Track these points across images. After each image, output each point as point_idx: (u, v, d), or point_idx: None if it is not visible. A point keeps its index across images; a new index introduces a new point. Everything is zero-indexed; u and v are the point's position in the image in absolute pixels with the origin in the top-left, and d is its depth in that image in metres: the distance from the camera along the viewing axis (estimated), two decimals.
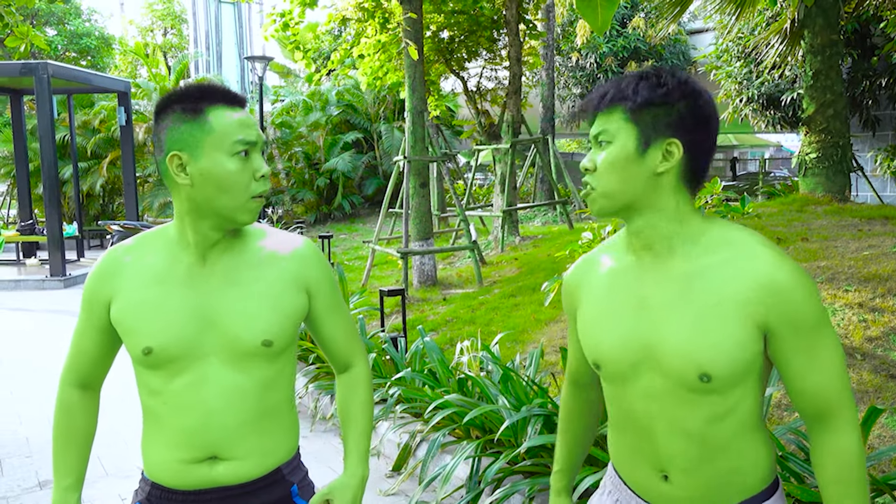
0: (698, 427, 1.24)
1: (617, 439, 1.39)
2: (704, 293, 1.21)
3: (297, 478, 1.54)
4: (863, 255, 5.32)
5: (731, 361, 1.19)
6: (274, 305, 1.42)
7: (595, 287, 1.37)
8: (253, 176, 1.36)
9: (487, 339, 4.87)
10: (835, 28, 8.20)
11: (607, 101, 1.25)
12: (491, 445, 3.45)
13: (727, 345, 1.19)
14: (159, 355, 1.39)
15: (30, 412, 5.02)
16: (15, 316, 8.84)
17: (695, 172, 1.25)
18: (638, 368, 1.28)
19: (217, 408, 1.40)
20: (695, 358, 1.20)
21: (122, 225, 11.25)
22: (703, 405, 1.23)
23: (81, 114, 17.15)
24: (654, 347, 1.26)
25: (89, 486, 3.78)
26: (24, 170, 12.99)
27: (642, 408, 1.29)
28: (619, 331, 1.30)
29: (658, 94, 1.21)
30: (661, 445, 1.28)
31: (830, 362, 1.20)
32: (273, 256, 1.46)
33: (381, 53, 10.34)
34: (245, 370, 1.42)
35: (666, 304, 1.25)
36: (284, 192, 18.11)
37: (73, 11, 22.83)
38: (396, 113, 18.07)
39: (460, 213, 9.06)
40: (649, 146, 1.22)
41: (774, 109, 12.08)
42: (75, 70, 12.58)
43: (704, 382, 1.20)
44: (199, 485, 1.43)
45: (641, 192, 1.24)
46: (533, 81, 14.81)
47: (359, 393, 1.60)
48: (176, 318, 1.39)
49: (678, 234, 1.26)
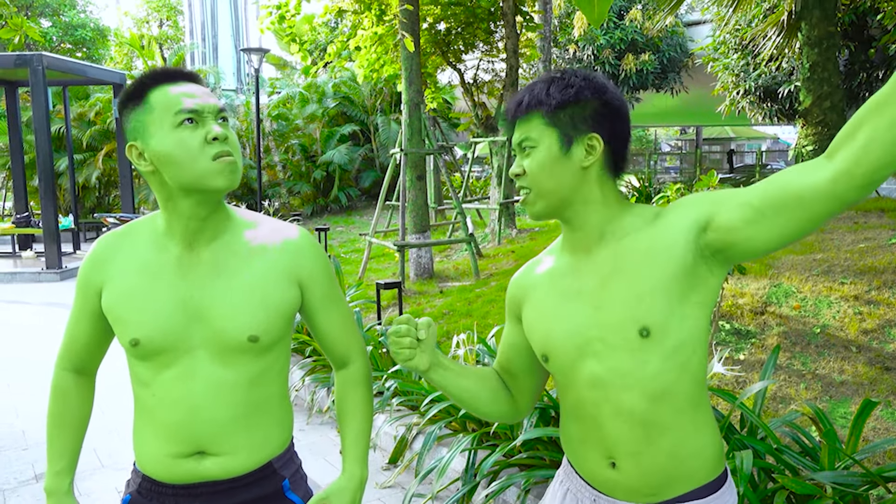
0: (640, 408, 1.27)
1: (568, 429, 1.43)
2: (634, 263, 1.27)
3: (289, 472, 1.52)
4: (858, 247, 5.33)
5: (667, 316, 1.24)
6: (261, 299, 1.39)
7: (539, 286, 1.43)
8: (205, 139, 1.31)
9: (484, 331, 4.87)
10: (832, 20, 8.19)
11: (524, 108, 1.32)
12: (487, 438, 3.45)
13: (661, 299, 1.24)
14: (146, 347, 1.37)
15: (26, 405, 5.02)
16: (11, 309, 8.82)
17: (616, 161, 1.33)
18: (582, 353, 1.32)
19: (204, 402, 1.39)
20: (633, 313, 1.25)
21: (118, 217, 11.21)
22: (644, 383, 1.27)
23: (77, 106, 17.07)
24: (592, 330, 1.30)
25: (85, 479, 3.79)
26: (19, 162, 12.93)
27: (588, 395, 1.33)
28: (563, 323, 1.34)
29: (570, 94, 1.28)
30: (607, 430, 1.32)
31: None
32: (263, 247, 1.43)
33: (378, 45, 10.31)
34: (232, 365, 1.39)
35: (599, 284, 1.31)
36: (281, 184, 18.08)
37: (68, 3, 22.71)
38: (393, 105, 18.03)
39: (457, 206, 9.05)
40: (572, 144, 1.29)
41: (771, 102, 12.08)
42: (70, 62, 12.51)
43: (644, 337, 1.24)
44: (188, 479, 1.43)
45: (571, 187, 1.31)
46: (530, 74, 14.78)
47: (357, 392, 1.56)
48: (163, 309, 1.37)
49: (606, 219, 1.33)
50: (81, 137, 16.74)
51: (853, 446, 2.63)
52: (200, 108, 1.32)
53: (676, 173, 28.55)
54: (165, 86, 1.34)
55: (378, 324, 5.47)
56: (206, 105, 1.33)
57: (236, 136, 1.43)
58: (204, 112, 1.33)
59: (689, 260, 1.24)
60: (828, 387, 3.67)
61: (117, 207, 16.59)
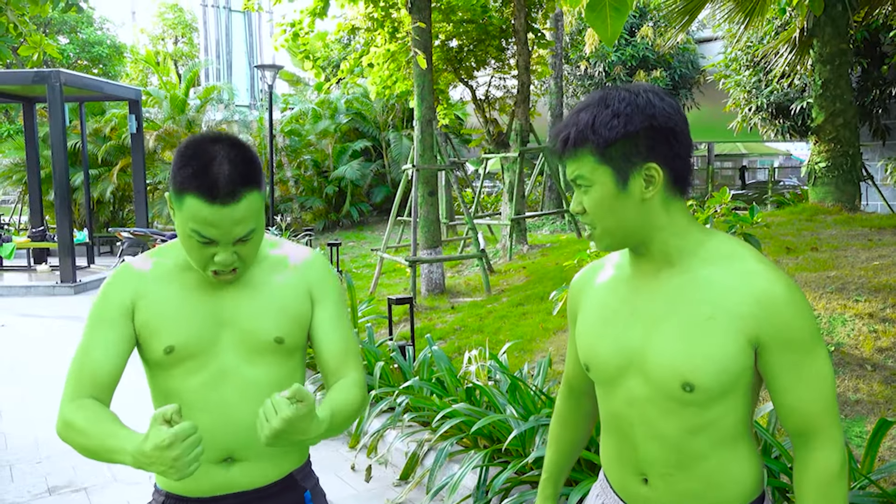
0: (675, 435, 1.25)
1: (605, 442, 1.41)
2: (697, 304, 1.22)
3: (310, 484, 1.57)
4: (873, 265, 5.29)
5: (717, 373, 1.19)
6: (282, 307, 1.48)
7: (595, 293, 1.40)
8: (212, 258, 1.38)
9: (495, 347, 4.87)
10: (844, 37, 8.18)
11: (571, 146, 1.23)
12: (499, 455, 3.44)
13: (715, 357, 1.19)
14: (180, 353, 1.42)
15: (40, 418, 5.05)
16: (25, 322, 8.89)
17: (679, 181, 1.25)
18: (623, 373, 1.30)
19: (234, 403, 1.43)
20: (679, 367, 1.21)
21: (132, 232, 11.30)
22: (682, 415, 1.24)
23: (93, 121, 17.27)
24: (640, 354, 1.27)
25: (98, 493, 3.80)
26: (35, 176, 13.09)
27: (624, 412, 1.31)
28: (611, 336, 1.32)
29: (618, 129, 1.19)
30: (640, 449, 1.30)
31: (818, 380, 1.20)
32: (283, 264, 1.53)
33: (391, 62, 10.38)
34: (260, 365, 1.46)
35: (657, 312, 1.26)
36: (293, 199, 18.17)
37: (85, 20, 23.04)
38: (405, 121, 18.12)
39: (468, 222, 9.06)
40: (628, 179, 1.21)
41: (784, 118, 12.04)
42: (87, 78, 12.68)
43: (687, 392, 1.21)
44: (215, 490, 1.45)
45: (636, 220, 1.24)
46: (541, 90, 14.83)
47: (347, 385, 1.46)
48: (195, 316, 1.44)
49: (677, 247, 1.26)
50: (97, 152, 16.90)
51: (869, 466, 2.61)
52: (214, 238, 1.35)
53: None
54: (203, 202, 1.30)
55: (390, 339, 5.48)
56: (224, 235, 1.35)
57: (261, 235, 1.43)
58: (220, 241, 1.36)
59: (743, 342, 1.20)
60: (843, 406, 3.64)
61: (131, 222, 16.73)
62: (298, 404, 1.20)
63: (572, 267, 5.31)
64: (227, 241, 1.36)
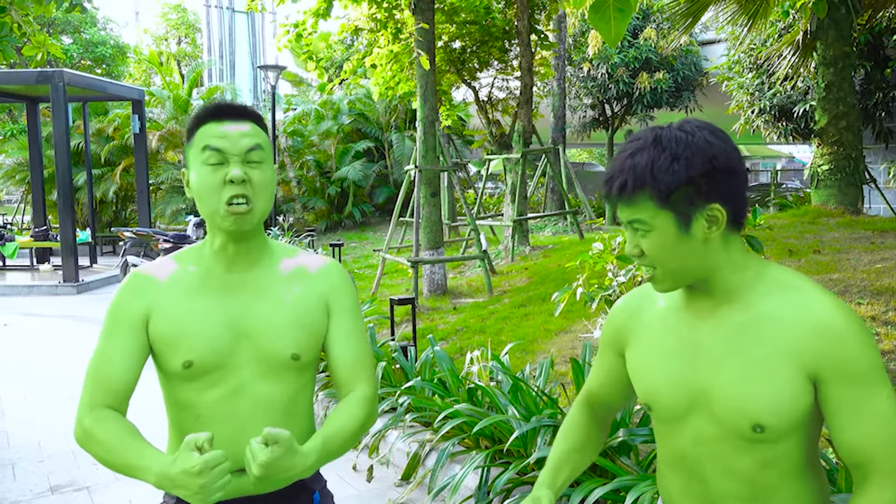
0: (749, 471, 1.24)
1: (668, 477, 1.38)
2: (759, 343, 1.20)
3: (319, 486, 1.57)
4: (875, 267, 5.29)
5: (784, 413, 1.18)
6: (300, 320, 1.46)
7: (648, 326, 1.35)
8: (223, 180, 1.37)
9: (497, 348, 4.87)
10: (847, 40, 8.18)
11: (629, 191, 1.18)
12: (500, 456, 3.44)
13: (780, 397, 1.17)
14: (198, 368, 1.41)
15: (42, 417, 5.06)
16: (28, 321, 8.91)
17: (737, 216, 1.22)
18: (689, 412, 1.28)
19: (248, 418, 1.42)
20: (748, 409, 1.19)
21: (134, 232, 11.30)
22: (753, 451, 1.23)
23: (96, 121, 17.30)
24: (706, 394, 1.24)
25: (100, 491, 3.81)
26: (38, 176, 13.11)
27: (692, 450, 1.29)
28: (673, 374, 1.28)
29: (679, 175, 1.15)
30: (712, 485, 1.28)
31: (880, 418, 1.15)
32: (302, 274, 1.51)
33: (394, 63, 10.39)
34: (276, 381, 1.45)
35: (720, 351, 1.23)
36: (296, 200, 18.18)
37: (89, 20, 23.10)
38: (408, 122, 18.14)
39: (471, 223, 9.07)
40: (691, 222, 1.18)
41: (786, 121, 12.04)
42: (90, 78, 12.71)
43: (758, 433, 1.19)
44: (227, 495, 1.41)
45: (699, 259, 1.21)
46: (544, 91, 14.83)
47: (354, 404, 1.47)
48: (213, 329, 1.42)
49: (736, 282, 1.24)
50: (100, 152, 16.93)
51: None
52: (224, 148, 1.37)
53: None
54: (211, 123, 1.40)
55: (392, 339, 5.48)
56: (233, 146, 1.38)
57: (271, 173, 1.45)
58: (229, 153, 1.37)
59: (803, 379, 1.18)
60: None
61: (134, 222, 16.74)
62: (274, 447, 1.22)
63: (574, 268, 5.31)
64: (238, 154, 1.37)
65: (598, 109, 16.25)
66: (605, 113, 16.29)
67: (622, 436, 3.00)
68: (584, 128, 17.31)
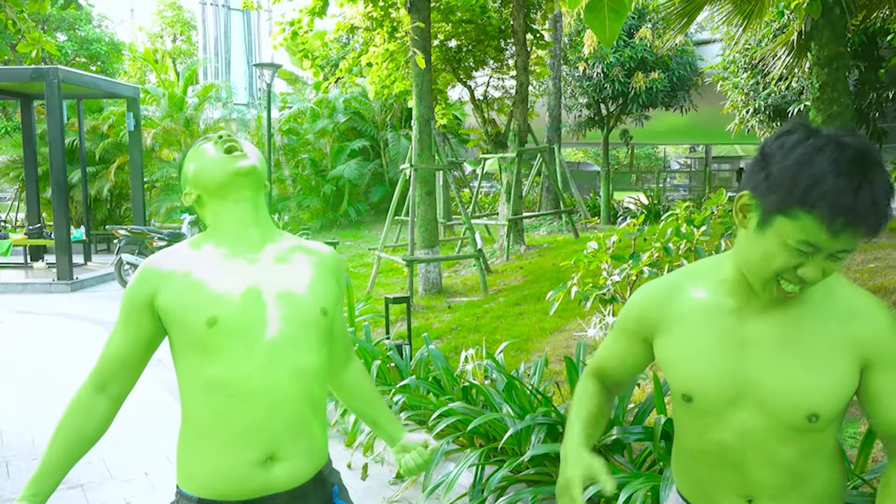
0: (792, 460, 1.28)
1: (692, 468, 1.40)
2: (814, 334, 1.25)
3: (336, 479, 1.59)
4: (868, 267, 5.32)
5: (838, 400, 1.23)
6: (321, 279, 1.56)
7: (687, 320, 1.35)
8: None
9: (492, 347, 4.88)
10: (842, 40, 8.21)
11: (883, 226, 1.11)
12: (495, 454, 3.45)
13: (837, 385, 1.23)
14: (225, 324, 1.39)
15: (36, 415, 5.05)
16: (22, 319, 8.88)
17: None
18: (734, 404, 1.29)
19: (280, 397, 1.42)
20: (804, 399, 1.23)
21: (129, 229, 11.27)
22: (800, 441, 1.27)
23: (90, 118, 17.24)
24: (755, 386, 1.27)
25: (95, 490, 3.81)
26: (32, 174, 13.06)
27: (733, 442, 1.31)
28: (716, 368, 1.29)
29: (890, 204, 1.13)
30: (752, 475, 1.31)
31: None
32: (304, 247, 1.60)
33: (389, 62, 10.39)
34: (309, 350, 1.47)
35: (773, 343, 1.27)
36: (291, 198, 18.17)
37: (83, 17, 23.01)
38: (403, 121, 18.13)
39: (466, 222, 9.08)
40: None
41: (781, 120, 12.07)
42: (85, 75, 12.66)
43: (812, 422, 1.23)
44: (254, 492, 1.42)
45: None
46: (540, 91, 14.83)
47: (368, 380, 1.78)
48: (238, 287, 1.44)
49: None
50: (94, 150, 16.87)
51: (862, 466, 2.62)
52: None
53: (685, 191, 28.49)
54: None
55: (386, 338, 5.49)
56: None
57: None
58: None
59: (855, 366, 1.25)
60: None
61: (129, 220, 16.69)
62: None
63: (569, 267, 5.33)
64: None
65: (593, 109, 16.24)
66: (600, 112, 16.29)
67: (616, 434, 3.01)
68: (579, 127, 17.32)
